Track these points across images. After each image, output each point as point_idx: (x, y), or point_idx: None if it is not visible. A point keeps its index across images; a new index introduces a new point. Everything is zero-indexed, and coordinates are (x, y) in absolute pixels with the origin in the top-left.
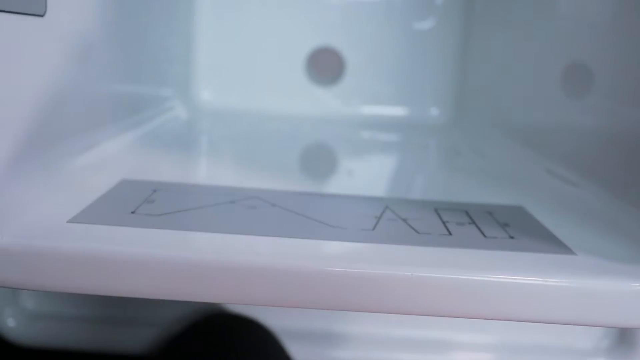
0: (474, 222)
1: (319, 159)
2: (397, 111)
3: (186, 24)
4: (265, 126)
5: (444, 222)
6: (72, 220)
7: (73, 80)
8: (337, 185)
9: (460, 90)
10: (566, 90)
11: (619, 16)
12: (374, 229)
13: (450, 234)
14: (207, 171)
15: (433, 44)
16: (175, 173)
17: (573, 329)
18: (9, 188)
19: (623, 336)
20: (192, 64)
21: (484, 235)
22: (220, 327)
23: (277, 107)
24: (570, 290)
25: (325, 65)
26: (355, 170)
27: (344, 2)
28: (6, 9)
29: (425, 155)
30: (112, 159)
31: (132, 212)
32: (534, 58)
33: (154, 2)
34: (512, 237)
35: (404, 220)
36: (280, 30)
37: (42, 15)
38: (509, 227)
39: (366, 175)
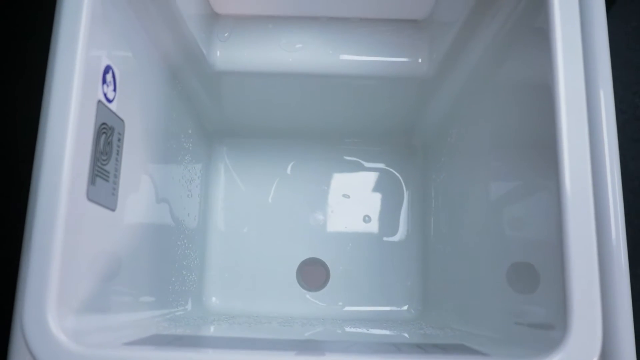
0: (421, 347)
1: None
2: (374, 309)
3: (201, 246)
4: (262, 324)
5: (397, 347)
6: (126, 344)
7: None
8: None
9: (425, 289)
10: (513, 287)
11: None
12: (344, 349)
13: (400, 351)
14: (218, 333)
15: (401, 254)
16: (193, 332)
17: None
18: (82, 321)
19: None
20: (204, 278)
21: (425, 352)
22: None
23: (273, 309)
24: None
25: (313, 274)
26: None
27: (327, 225)
28: (97, 202)
29: (397, 335)
30: (144, 324)
31: (168, 343)
32: (483, 263)
33: (179, 232)
34: (446, 353)
35: (367, 346)
36: (275, 248)
37: (113, 210)
38: (447, 349)
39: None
